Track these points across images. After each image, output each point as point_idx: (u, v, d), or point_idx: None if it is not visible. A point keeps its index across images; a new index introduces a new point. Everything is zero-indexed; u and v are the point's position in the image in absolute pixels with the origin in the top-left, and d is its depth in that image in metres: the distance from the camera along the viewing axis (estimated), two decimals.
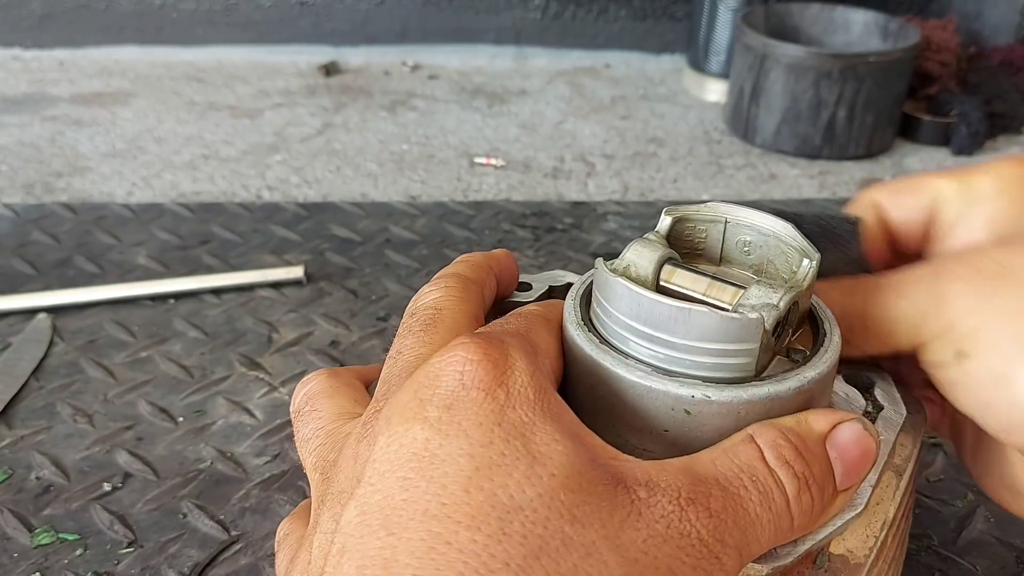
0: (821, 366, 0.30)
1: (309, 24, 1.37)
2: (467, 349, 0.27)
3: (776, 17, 1.20)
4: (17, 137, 1.08)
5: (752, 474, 0.27)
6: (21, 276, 0.76)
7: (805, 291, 0.30)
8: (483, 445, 0.25)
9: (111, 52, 1.35)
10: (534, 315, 0.32)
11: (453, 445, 0.25)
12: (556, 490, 0.24)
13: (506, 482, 0.24)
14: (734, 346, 0.28)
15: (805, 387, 0.29)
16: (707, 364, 0.29)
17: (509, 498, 0.24)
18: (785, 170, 1.08)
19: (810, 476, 0.28)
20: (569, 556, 0.24)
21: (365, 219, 0.86)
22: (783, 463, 0.27)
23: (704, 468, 0.27)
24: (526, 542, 0.23)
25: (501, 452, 0.25)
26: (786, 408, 0.29)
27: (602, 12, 1.40)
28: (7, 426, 0.59)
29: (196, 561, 0.49)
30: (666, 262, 0.32)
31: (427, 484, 0.24)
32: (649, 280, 0.31)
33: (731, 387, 0.29)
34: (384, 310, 0.72)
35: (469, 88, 1.29)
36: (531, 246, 0.83)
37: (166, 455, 0.57)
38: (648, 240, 0.32)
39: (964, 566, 0.49)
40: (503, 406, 0.26)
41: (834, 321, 0.32)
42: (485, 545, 0.23)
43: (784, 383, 0.29)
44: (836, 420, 0.29)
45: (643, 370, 0.29)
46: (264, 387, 0.63)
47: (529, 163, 1.07)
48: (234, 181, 1.00)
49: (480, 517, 0.24)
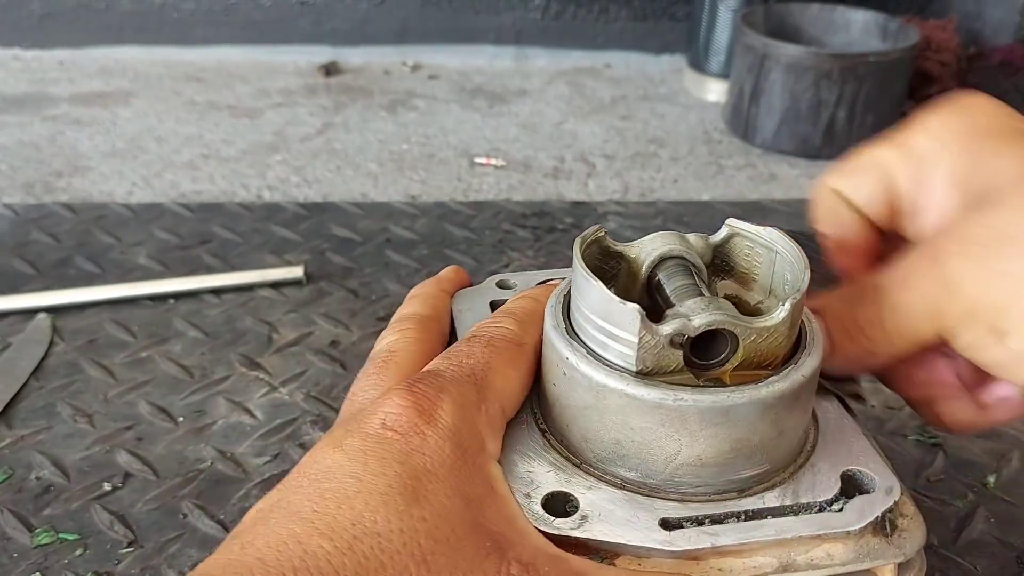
0: (820, 332, 0.31)
1: (309, 24, 1.37)
2: (400, 395, 0.29)
3: (776, 17, 1.20)
4: (17, 137, 1.08)
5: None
6: (21, 276, 0.76)
7: (758, 328, 0.29)
8: (375, 475, 0.27)
9: (111, 52, 1.35)
10: (504, 341, 0.32)
11: (349, 468, 0.27)
12: (420, 533, 0.26)
13: (378, 508, 0.26)
14: (617, 330, 0.29)
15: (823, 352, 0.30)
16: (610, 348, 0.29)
17: (372, 522, 0.26)
18: (785, 170, 1.08)
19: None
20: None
21: (365, 219, 0.86)
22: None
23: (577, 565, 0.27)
24: (365, 562, 0.25)
25: (389, 484, 0.26)
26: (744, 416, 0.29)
27: (602, 12, 1.40)
28: (7, 426, 0.59)
29: (196, 561, 0.49)
30: (667, 259, 0.32)
31: (311, 491, 0.27)
32: (643, 267, 0.32)
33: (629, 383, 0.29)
34: (384, 310, 0.72)
35: (469, 88, 1.29)
36: (531, 246, 0.83)
37: (166, 455, 0.57)
38: (675, 235, 0.32)
39: (964, 566, 0.49)
40: (413, 450, 0.27)
41: (819, 344, 0.31)
42: (328, 553, 0.25)
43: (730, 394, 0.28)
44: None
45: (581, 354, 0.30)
46: (264, 387, 0.63)
47: (529, 163, 1.07)
48: (234, 181, 1.00)
49: (338, 530, 0.25)
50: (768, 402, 0.29)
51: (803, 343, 0.30)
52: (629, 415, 0.29)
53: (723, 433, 0.29)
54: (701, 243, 0.33)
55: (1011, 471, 0.56)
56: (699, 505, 0.29)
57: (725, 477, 0.29)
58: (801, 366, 0.29)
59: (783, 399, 0.29)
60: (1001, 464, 0.56)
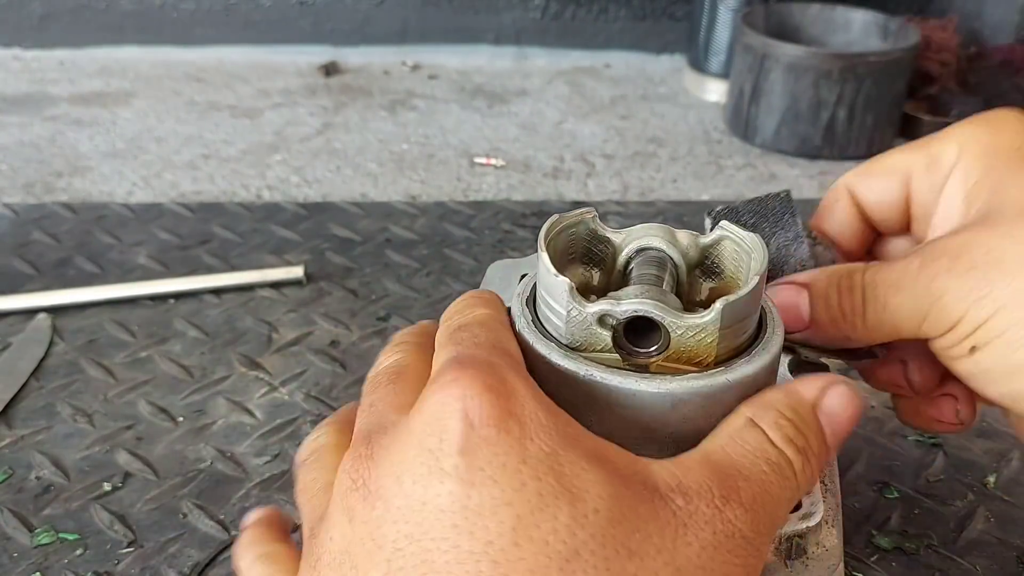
0: (774, 346, 0.30)
1: (309, 24, 1.37)
2: (462, 384, 0.25)
3: (776, 17, 1.20)
4: (17, 137, 1.08)
5: (767, 457, 0.27)
6: (21, 276, 0.76)
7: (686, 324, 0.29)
8: (516, 489, 0.23)
9: (111, 52, 1.35)
10: (490, 319, 0.31)
11: (485, 495, 0.23)
12: (605, 527, 0.23)
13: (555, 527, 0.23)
14: (552, 302, 0.30)
15: (770, 365, 0.30)
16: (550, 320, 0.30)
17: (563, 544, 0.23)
18: (785, 170, 1.08)
19: (809, 448, 0.28)
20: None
21: (365, 219, 0.86)
22: (787, 441, 0.28)
23: (721, 458, 0.27)
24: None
25: (538, 493, 0.23)
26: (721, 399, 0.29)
27: (602, 12, 1.39)
28: (7, 426, 0.59)
29: (196, 561, 0.49)
30: (645, 249, 0.32)
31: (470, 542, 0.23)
32: (622, 254, 0.33)
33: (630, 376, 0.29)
34: (384, 310, 0.72)
35: (469, 88, 1.29)
36: (531, 246, 0.83)
37: (166, 455, 0.57)
38: (663, 228, 0.32)
39: (964, 566, 0.49)
40: (520, 439, 0.24)
41: (778, 323, 0.32)
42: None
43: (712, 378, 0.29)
44: (823, 385, 0.30)
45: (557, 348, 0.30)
46: (264, 387, 0.63)
47: (529, 163, 1.07)
48: (234, 181, 1.00)
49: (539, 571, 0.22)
50: (678, 396, 0.29)
51: (753, 346, 0.31)
52: (554, 384, 0.29)
53: (630, 418, 0.29)
54: (689, 241, 0.33)
55: (1011, 471, 0.56)
56: None
57: None
58: (730, 370, 0.29)
59: (697, 396, 0.29)
60: (1001, 464, 0.56)
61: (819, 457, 0.29)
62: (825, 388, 0.30)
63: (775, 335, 0.31)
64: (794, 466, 0.28)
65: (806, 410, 0.29)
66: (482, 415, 0.24)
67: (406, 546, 0.23)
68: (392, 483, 0.24)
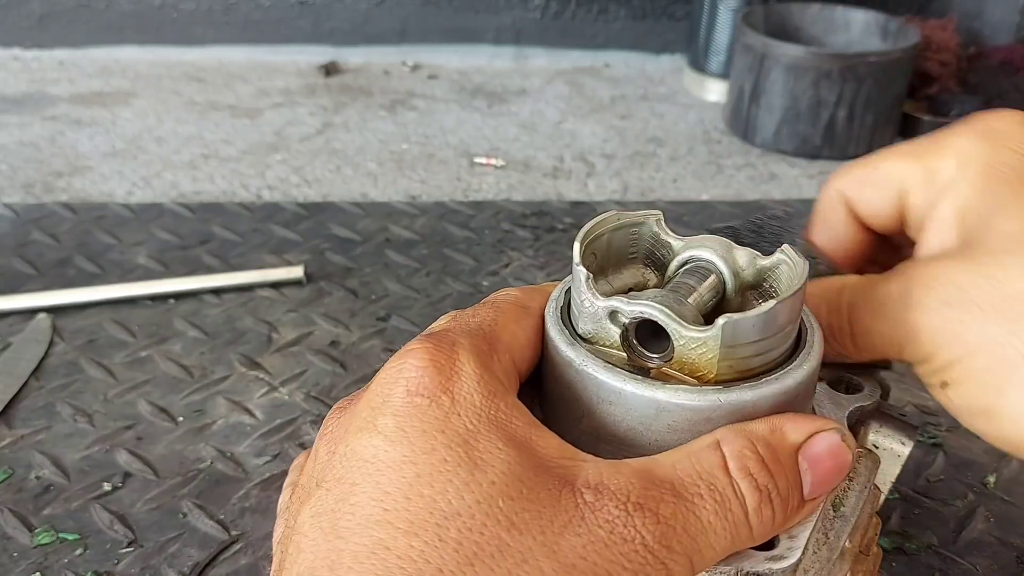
0: (789, 379, 0.29)
1: (309, 24, 1.37)
2: (415, 355, 0.28)
3: (776, 17, 1.20)
4: (17, 137, 1.08)
5: (711, 482, 0.27)
6: (21, 276, 0.76)
7: (687, 335, 0.28)
8: (425, 452, 0.26)
9: (111, 52, 1.35)
10: (508, 303, 0.32)
11: (397, 452, 0.26)
12: (495, 497, 0.25)
13: (445, 488, 0.25)
14: (575, 292, 0.30)
15: (778, 397, 0.29)
16: (573, 310, 0.31)
17: (448, 504, 0.25)
18: (785, 170, 1.08)
19: (774, 489, 0.27)
20: (503, 562, 0.24)
21: (365, 219, 0.86)
22: (745, 474, 0.27)
23: (662, 471, 0.27)
24: (461, 548, 0.24)
25: (443, 459, 0.26)
26: (755, 414, 0.29)
27: (602, 12, 1.39)
28: (7, 426, 0.59)
29: (196, 561, 0.49)
30: (695, 260, 0.32)
31: (373, 490, 0.25)
32: (673, 261, 0.32)
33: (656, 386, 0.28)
34: (384, 310, 0.72)
35: (469, 88, 1.29)
36: (531, 246, 0.83)
37: (166, 455, 0.57)
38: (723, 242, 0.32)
39: (964, 566, 0.49)
40: (447, 413, 0.27)
41: (819, 334, 0.31)
42: (421, 551, 0.24)
43: (753, 390, 0.28)
44: (812, 430, 0.29)
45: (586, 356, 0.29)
46: (264, 387, 0.63)
47: (529, 163, 1.07)
48: (234, 181, 1.00)
49: (418, 524, 0.24)
50: (663, 404, 0.28)
51: (772, 372, 0.30)
52: (557, 370, 0.30)
53: (616, 416, 0.29)
54: (747, 260, 0.32)
55: (1011, 471, 0.56)
56: None
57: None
58: (726, 391, 0.29)
59: (683, 409, 0.28)
60: (1001, 464, 0.56)
61: (785, 501, 0.28)
62: (815, 432, 0.29)
63: (798, 369, 0.30)
64: (745, 501, 0.27)
65: (783, 450, 0.28)
66: (420, 386, 0.27)
67: (334, 487, 0.26)
68: (342, 433, 0.28)
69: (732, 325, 0.28)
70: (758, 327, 0.28)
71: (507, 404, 0.28)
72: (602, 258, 0.33)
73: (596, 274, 0.32)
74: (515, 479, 0.26)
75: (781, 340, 0.30)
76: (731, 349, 0.28)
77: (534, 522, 0.25)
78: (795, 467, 0.28)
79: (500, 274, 0.78)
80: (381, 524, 0.25)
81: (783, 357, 0.30)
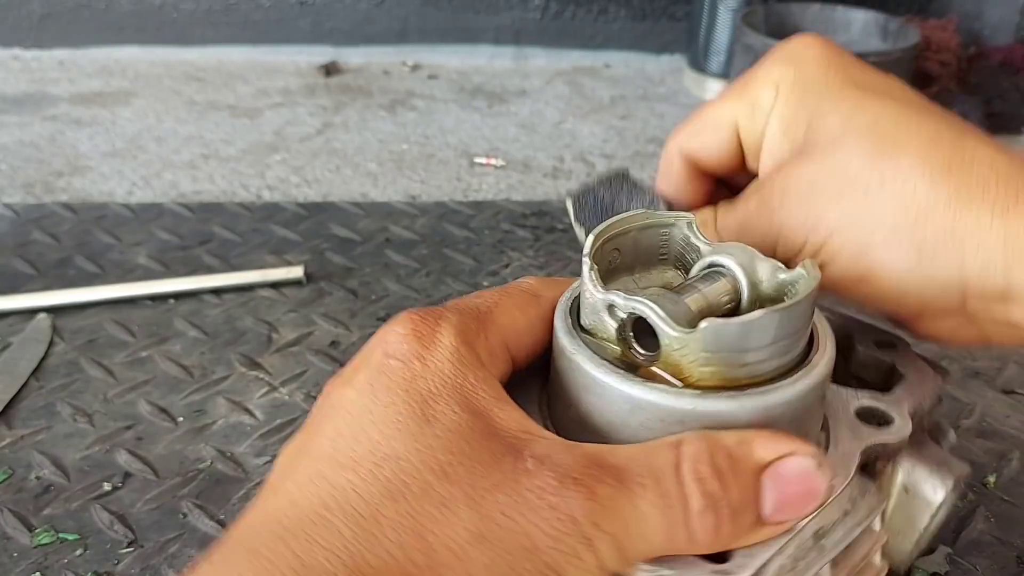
0: (774, 395, 0.29)
1: (309, 24, 1.37)
2: (399, 324, 0.30)
3: (776, 17, 1.20)
4: (17, 137, 1.08)
5: (657, 476, 0.27)
6: (21, 276, 0.76)
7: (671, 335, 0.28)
8: (385, 405, 0.28)
9: (111, 52, 1.35)
10: (519, 290, 0.34)
11: (360, 402, 0.29)
12: (435, 449, 0.27)
13: (392, 435, 0.27)
14: (582, 283, 0.31)
15: (759, 412, 0.28)
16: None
17: (390, 448, 0.27)
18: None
19: (722, 499, 0.27)
20: (424, 503, 0.26)
21: (365, 219, 0.86)
22: (696, 479, 0.27)
23: (613, 459, 0.27)
24: (389, 485, 0.26)
25: (398, 411, 0.28)
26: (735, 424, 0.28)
27: (602, 12, 1.39)
28: (7, 426, 0.59)
29: (196, 561, 0.49)
30: (714, 266, 0.32)
31: (328, 429, 0.29)
32: (696, 265, 0.33)
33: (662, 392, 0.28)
34: (384, 310, 0.72)
35: (469, 88, 1.29)
36: (531, 246, 0.83)
37: (166, 455, 0.57)
38: (747, 251, 0.32)
39: (964, 566, 0.49)
40: (416, 375, 0.29)
41: (828, 355, 0.31)
42: (353, 483, 0.26)
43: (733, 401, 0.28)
44: (784, 451, 0.28)
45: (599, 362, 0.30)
46: (264, 387, 0.63)
47: (529, 163, 1.07)
48: (234, 181, 1.00)
49: (358, 460, 0.27)
50: (636, 402, 0.29)
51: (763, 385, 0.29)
52: (555, 356, 0.32)
53: (598, 407, 0.29)
54: (769, 273, 0.31)
55: (1011, 471, 0.56)
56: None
57: None
58: (704, 398, 0.28)
59: (655, 409, 0.28)
60: (1001, 464, 0.56)
61: (735, 513, 0.27)
62: (787, 453, 0.28)
63: (787, 387, 0.29)
64: (689, 505, 0.27)
65: (745, 464, 0.28)
66: (397, 350, 0.29)
67: (304, 429, 0.30)
68: (330, 388, 0.31)
69: (714, 330, 0.27)
70: (742, 335, 0.28)
71: (476, 378, 0.29)
72: (629, 256, 0.33)
73: (622, 271, 0.32)
74: (460, 438, 0.27)
75: (773, 353, 0.29)
76: (713, 355, 0.28)
77: (466, 476, 0.26)
78: (754, 483, 0.28)
79: (500, 274, 0.78)
80: (327, 459, 0.27)
81: (777, 373, 0.29)
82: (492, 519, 0.26)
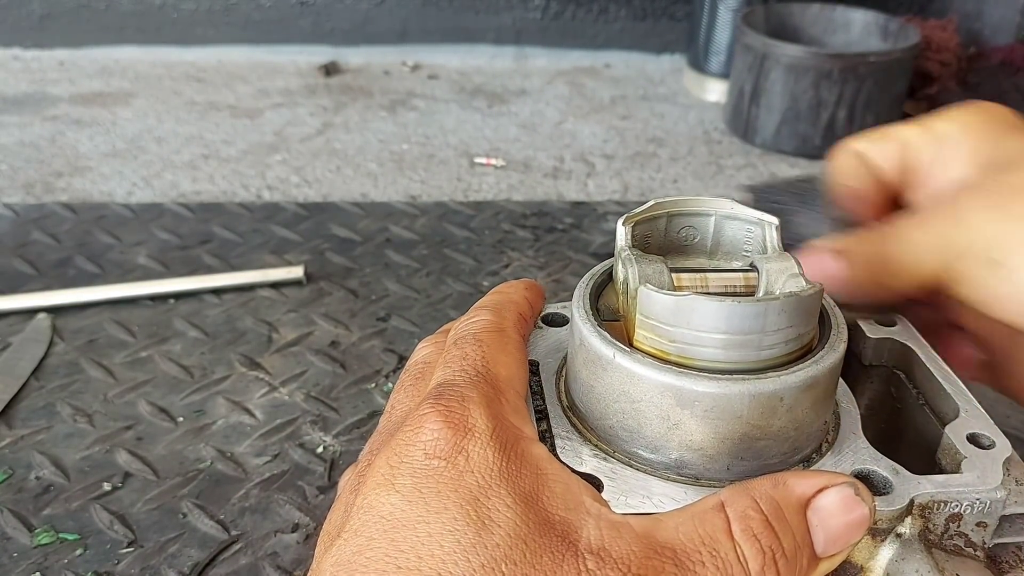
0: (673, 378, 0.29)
1: (309, 24, 1.37)
2: (431, 420, 0.29)
3: (776, 17, 1.20)
4: (17, 137, 1.08)
5: (713, 547, 0.26)
6: (21, 276, 0.76)
7: (632, 303, 0.30)
8: (437, 512, 0.27)
9: (111, 52, 1.35)
10: (487, 333, 0.33)
11: (413, 511, 0.27)
12: (499, 561, 0.26)
13: (452, 550, 0.26)
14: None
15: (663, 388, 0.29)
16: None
17: (455, 565, 0.26)
18: (785, 170, 1.08)
19: (778, 549, 0.27)
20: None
21: (365, 219, 0.86)
22: (749, 536, 0.27)
23: (665, 535, 0.27)
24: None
25: (454, 518, 0.27)
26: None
27: (602, 12, 1.40)
28: (7, 426, 0.59)
29: (196, 561, 0.49)
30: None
31: (387, 546, 0.27)
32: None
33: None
34: (384, 310, 0.72)
35: (469, 88, 1.29)
36: (531, 246, 0.83)
37: (166, 455, 0.57)
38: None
39: None
40: (462, 472, 0.28)
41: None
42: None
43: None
44: (821, 485, 0.28)
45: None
46: (264, 387, 0.63)
47: (529, 163, 1.07)
48: (234, 181, 1.00)
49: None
50: (584, 341, 0.30)
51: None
52: (574, 328, 0.32)
53: (604, 381, 0.30)
54: (787, 279, 0.33)
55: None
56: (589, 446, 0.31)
57: (621, 439, 0.31)
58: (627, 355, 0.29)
59: (590, 352, 0.30)
60: None
61: (792, 561, 0.27)
62: (824, 486, 0.28)
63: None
64: (748, 565, 0.26)
65: (790, 506, 0.27)
66: (437, 448, 0.28)
67: (351, 538, 0.28)
68: (365, 488, 0.29)
69: (646, 295, 0.29)
70: (671, 310, 0.28)
71: (518, 454, 0.29)
72: (708, 243, 0.34)
73: (701, 254, 0.34)
74: (520, 541, 0.26)
75: (709, 342, 0.28)
76: (646, 320, 0.29)
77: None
78: (803, 523, 0.27)
79: (500, 274, 0.78)
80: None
81: (722, 367, 0.29)
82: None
